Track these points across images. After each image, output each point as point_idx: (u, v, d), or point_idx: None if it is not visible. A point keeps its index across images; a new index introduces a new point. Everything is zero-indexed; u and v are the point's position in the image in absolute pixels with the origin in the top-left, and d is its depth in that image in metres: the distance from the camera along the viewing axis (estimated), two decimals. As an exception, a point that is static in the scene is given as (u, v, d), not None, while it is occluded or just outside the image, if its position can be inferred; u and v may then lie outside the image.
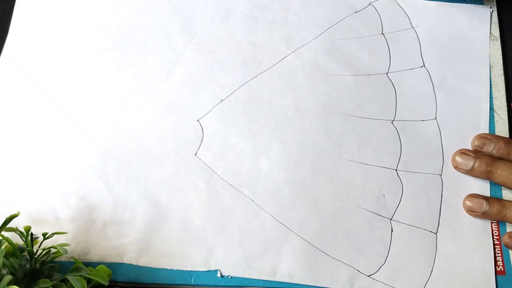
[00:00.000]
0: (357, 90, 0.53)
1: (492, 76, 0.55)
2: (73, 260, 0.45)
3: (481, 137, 0.49)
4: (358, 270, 0.47)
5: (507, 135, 0.52)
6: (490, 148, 0.48)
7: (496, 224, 0.49)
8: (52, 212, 0.48)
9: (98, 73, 0.53)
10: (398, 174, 0.50)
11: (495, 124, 0.53)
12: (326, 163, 0.50)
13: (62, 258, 0.46)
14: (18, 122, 0.50)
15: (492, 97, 0.54)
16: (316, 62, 0.54)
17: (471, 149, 0.50)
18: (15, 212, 0.42)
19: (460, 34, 0.55)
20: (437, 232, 0.48)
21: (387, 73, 0.54)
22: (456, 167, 0.50)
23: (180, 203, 0.49)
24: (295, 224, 0.48)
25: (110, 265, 0.46)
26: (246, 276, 0.46)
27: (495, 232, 0.49)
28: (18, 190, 0.48)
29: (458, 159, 0.49)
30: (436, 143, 0.51)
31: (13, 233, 0.43)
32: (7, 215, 0.42)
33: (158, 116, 0.52)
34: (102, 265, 0.45)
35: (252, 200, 0.49)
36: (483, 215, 0.48)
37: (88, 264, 0.45)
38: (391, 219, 0.49)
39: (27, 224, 0.45)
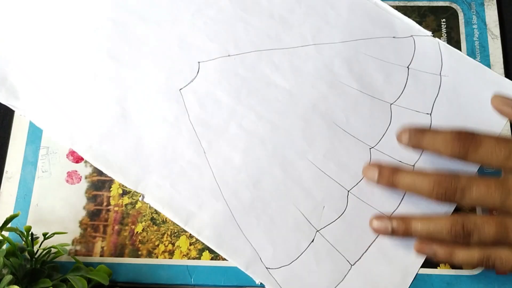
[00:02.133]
0: (354, 105, 0.53)
1: None
2: (74, 260, 0.47)
3: (401, 130, 0.47)
4: (260, 258, 0.48)
5: (508, 134, 0.52)
6: (406, 138, 0.47)
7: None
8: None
9: None
10: (348, 196, 0.50)
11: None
12: (288, 153, 0.51)
13: (63, 258, 0.48)
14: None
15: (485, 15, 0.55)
16: (331, 63, 0.54)
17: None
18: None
19: (482, 102, 0.53)
20: (353, 264, 0.48)
21: (391, 104, 0.53)
22: (367, 179, 0.49)
23: (142, 120, 0.52)
24: (229, 190, 0.50)
25: (110, 265, 0.47)
26: (159, 209, 0.50)
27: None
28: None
29: (365, 171, 0.50)
30: None
31: (13, 233, 0.45)
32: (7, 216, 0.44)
33: (165, 42, 0.55)
34: (102, 265, 0.46)
35: (204, 152, 0.51)
36: (392, 234, 0.46)
37: (88, 264, 0.47)
38: (317, 231, 0.49)
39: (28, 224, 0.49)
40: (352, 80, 0.53)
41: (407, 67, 0.54)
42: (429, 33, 0.55)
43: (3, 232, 0.43)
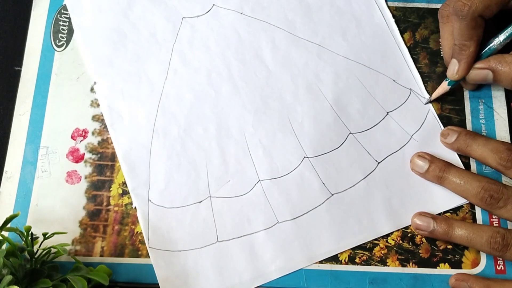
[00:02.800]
0: (317, 113, 0.53)
1: None
2: (74, 260, 0.47)
3: (447, 128, 0.51)
4: (149, 188, 0.51)
5: (507, 134, 0.52)
6: (453, 138, 0.50)
7: (496, 219, 0.50)
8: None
9: None
10: (256, 185, 0.51)
11: (495, 123, 0.53)
12: (231, 120, 0.53)
13: (63, 258, 0.48)
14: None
15: (492, 96, 0.54)
16: (322, 68, 0.54)
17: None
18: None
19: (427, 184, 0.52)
20: (219, 241, 0.49)
21: (350, 133, 0.53)
22: (412, 169, 0.51)
23: (137, 23, 0.56)
24: (163, 120, 0.53)
25: (110, 265, 0.48)
26: (99, 102, 0.53)
27: (494, 217, 0.50)
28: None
29: (415, 160, 0.50)
30: (308, 206, 0.51)
31: (13, 233, 0.44)
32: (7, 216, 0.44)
33: None
34: (102, 265, 0.47)
35: (165, 79, 0.54)
36: (430, 234, 0.48)
37: (88, 264, 0.47)
38: (210, 197, 0.50)
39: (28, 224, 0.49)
40: (331, 93, 0.54)
41: (387, 112, 0.53)
42: (427, 97, 0.54)
43: (3, 232, 0.43)
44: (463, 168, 0.51)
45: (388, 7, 0.57)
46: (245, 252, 0.49)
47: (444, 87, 0.52)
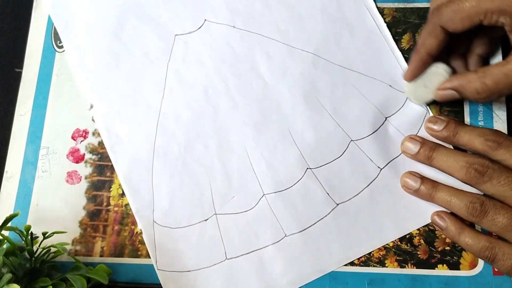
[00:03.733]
0: (317, 124, 0.53)
1: None
2: (73, 260, 0.47)
3: (434, 117, 0.51)
4: (153, 209, 0.50)
5: None
6: (441, 126, 0.50)
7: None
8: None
9: None
10: (261, 199, 0.51)
11: (494, 125, 0.53)
12: (232, 134, 0.53)
13: (63, 258, 0.49)
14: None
15: None
16: (318, 78, 0.54)
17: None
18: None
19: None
20: (228, 258, 0.49)
21: (352, 140, 0.52)
22: (403, 151, 0.51)
23: (129, 44, 0.55)
24: (163, 139, 0.52)
25: (110, 265, 0.48)
26: (97, 125, 0.53)
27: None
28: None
29: (406, 143, 0.51)
30: (315, 218, 0.51)
31: (13, 232, 0.45)
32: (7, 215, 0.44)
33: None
34: (102, 265, 0.47)
35: (162, 98, 0.53)
36: (415, 193, 0.49)
37: (88, 264, 0.48)
38: (215, 214, 0.50)
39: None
40: (329, 102, 0.53)
41: (386, 117, 0.53)
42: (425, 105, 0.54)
43: (3, 232, 0.43)
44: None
45: (380, 12, 0.57)
46: (255, 268, 0.49)
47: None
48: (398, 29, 0.56)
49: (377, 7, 0.57)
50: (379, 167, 0.52)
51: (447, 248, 0.50)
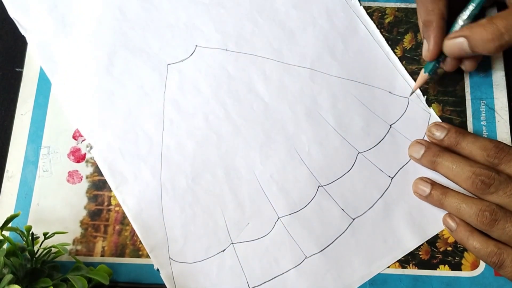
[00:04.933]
0: (323, 139, 0.52)
1: (493, 76, 0.54)
2: (74, 260, 0.47)
3: (436, 124, 0.50)
4: (168, 246, 0.49)
5: (508, 135, 0.52)
6: (442, 135, 0.49)
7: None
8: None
9: None
10: (276, 223, 0.50)
11: (496, 125, 0.53)
12: (238, 160, 0.52)
13: (63, 258, 0.48)
14: None
15: (493, 98, 0.54)
16: (318, 92, 0.54)
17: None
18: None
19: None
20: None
21: (359, 153, 0.52)
22: (410, 155, 0.51)
23: (122, 79, 0.54)
24: (168, 173, 0.51)
25: (111, 265, 0.48)
26: (99, 165, 0.52)
27: None
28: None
29: (412, 147, 0.51)
30: (333, 235, 0.50)
31: (14, 232, 0.45)
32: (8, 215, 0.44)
33: (174, 15, 0.56)
34: (102, 265, 0.47)
35: (163, 130, 0.52)
36: (426, 199, 0.49)
37: (89, 264, 0.47)
38: (232, 243, 0.49)
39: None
40: (331, 116, 0.53)
41: (390, 125, 0.53)
42: (425, 104, 0.54)
43: (4, 232, 0.43)
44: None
45: (382, 11, 0.57)
46: None
47: (423, 75, 0.52)
48: (400, 29, 0.56)
49: (368, 13, 0.57)
50: (389, 176, 0.51)
51: (449, 248, 0.50)
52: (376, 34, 0.56)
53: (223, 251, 0.49)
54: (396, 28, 0.57)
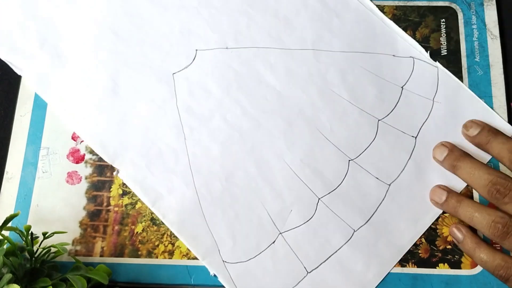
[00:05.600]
0: (341, 115, 0.53)
1: (491, 75, 0.54)
2: (73, 260, 0.47)
3: (471, 121, 0.51)
4: (218, 250, 0.49)
5: (507, 134, 0.52)
6: (476, 132, 0.50)
7: (499, 246, 0.49)
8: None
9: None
10: (318, 204, 0.50)
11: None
12: (266, 152, 0.52)
13: (63, 258, 0.49)
14: None
15: (492, 96, 0.54)
16: (326, 70, 0.54)
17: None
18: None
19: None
20: (309, 272, 0.49)
21: (379, 120, 0.53)
22: (433, 156, 0.51)
23: (131, 98, 0.53)
24: (201, 179, 0.51)
25: (111, 265, 0.48)
26: (131, 187, 0.51)
27: None
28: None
29: (435, 148, 0.51)
30: (374, 204, 0.51)
31: (13, 232, 0.45)
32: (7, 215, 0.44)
33: (167, 25, 0.56)
34: (102, 265, 0.47)
35: (185, 139, 0.52)
36: (441, 206, 0.49)
37: (88, 264, 0.47)
38: (280, 233, 0.49)
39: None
40: (344, 90, 0.53)
41: (402, 87, 0.54)
42: (429, 58, 0.55)
43: (3, 232, 0.44)
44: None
45: (380, 9, 0.57)
46: (338, 272, 0.48)
47: None
48: (399, 27, 0.57)
49: None
50: (413, 136, 0.52)
51: (448, 247, 0.50)
52: (367, 2, 0.57)
53: (273, 242, 0.49)
54: (395, 26, 0.58)
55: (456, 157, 0.49)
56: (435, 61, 0.55)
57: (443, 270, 0.49)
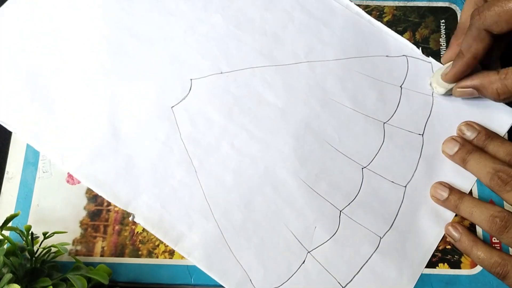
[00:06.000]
0: (347, 123, 0.53)
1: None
2: (74, 260, 0.47)
3: (468, 124, 0.52)
4: (250, 280, 0.48)
5: (506, 135, 0.53)
6: (473, 135, 0.51)
7: (498, 243, 0.50)
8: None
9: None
10: (340, 216, 0.50)
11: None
12: (280, 172, 0.51)
13: (63, 258, 0.48)
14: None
15: None
16: (324, 80, 0.54)
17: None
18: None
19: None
20: (345, 286, 0.48)
21: (384, 123, 0.53)
22: (443, 151, 0.52)
23: (133, 139, 0.52)
24: (220, 210, 0.50)
25: (111, 265, 0.48)
26: (150, 230, 0.49)
27: (494, 239, 0.49)
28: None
29: (446, 143, 0.51)
30: (394, 208, 0.51)
31: (14, 232, 0.45)
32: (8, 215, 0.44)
33: (157, 59, 0.55)
34: (102, 265, 0.47)
35: (195, 172, 0.51)
36: (443, 203, 0.50)
37: (88, 264, 0.47)
38: (309, 252, 0.49)
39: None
40: (345, 98, 0.53)
41: (400, 86, 0.54)
42: (421, 54, 0.55)
43: (4, 232, 0.43)
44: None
45: (380, 10, 0.58)
46: (373, 281, 0.48)
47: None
48: (399, 28, 0.57)
49: (366, 12, 0.58)
50: (420, 134, 0.53)
51: (448, 247, 0.50)
52: (352, 6, 0.57)
53: (303, 262, 0.49)
54: (395, 27, 0.57)
55: (468, 150, 0.50)
56: (428, 57, 0.55)
57: (443, 270, 0.49)
